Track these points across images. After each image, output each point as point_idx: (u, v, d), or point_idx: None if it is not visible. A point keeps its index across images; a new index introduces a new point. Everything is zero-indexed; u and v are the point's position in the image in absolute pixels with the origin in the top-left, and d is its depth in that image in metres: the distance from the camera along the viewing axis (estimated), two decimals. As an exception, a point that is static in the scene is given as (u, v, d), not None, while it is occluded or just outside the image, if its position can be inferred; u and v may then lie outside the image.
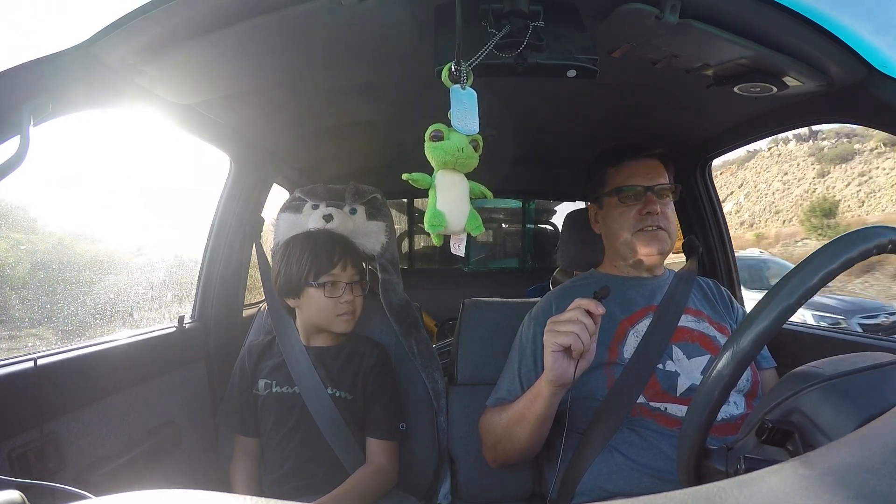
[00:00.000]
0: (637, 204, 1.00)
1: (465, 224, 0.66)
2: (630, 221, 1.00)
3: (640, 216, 0.99)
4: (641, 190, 1.00)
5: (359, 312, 1.08)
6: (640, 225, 0.99)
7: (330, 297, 1.03)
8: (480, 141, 0.65)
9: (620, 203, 1.01)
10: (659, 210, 0.98)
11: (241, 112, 1.08)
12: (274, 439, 0.99)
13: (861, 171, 19.99)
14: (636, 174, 1.01)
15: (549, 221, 2.91)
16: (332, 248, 1.05)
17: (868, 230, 0.49)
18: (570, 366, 0.77)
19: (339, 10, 0.66)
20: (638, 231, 0.99)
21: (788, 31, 0.70)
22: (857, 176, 20.03)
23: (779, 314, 0.46)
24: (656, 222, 0.98)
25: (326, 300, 1.02)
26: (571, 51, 0.70)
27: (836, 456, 0.31)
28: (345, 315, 1.04)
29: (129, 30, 0.66)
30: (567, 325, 0.75)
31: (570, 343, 0.74)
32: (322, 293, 1.02)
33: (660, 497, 0.28)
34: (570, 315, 0.76)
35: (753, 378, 0.92)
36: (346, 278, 1.04)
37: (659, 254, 1.00)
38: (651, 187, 0.99)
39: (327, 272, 1.03)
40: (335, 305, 1.03)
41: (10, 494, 0.33)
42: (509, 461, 0.95)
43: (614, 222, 1.03)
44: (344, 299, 1.03)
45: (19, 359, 0.76)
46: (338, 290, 1.03)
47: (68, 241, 2.25)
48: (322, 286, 1.02)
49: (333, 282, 1.03)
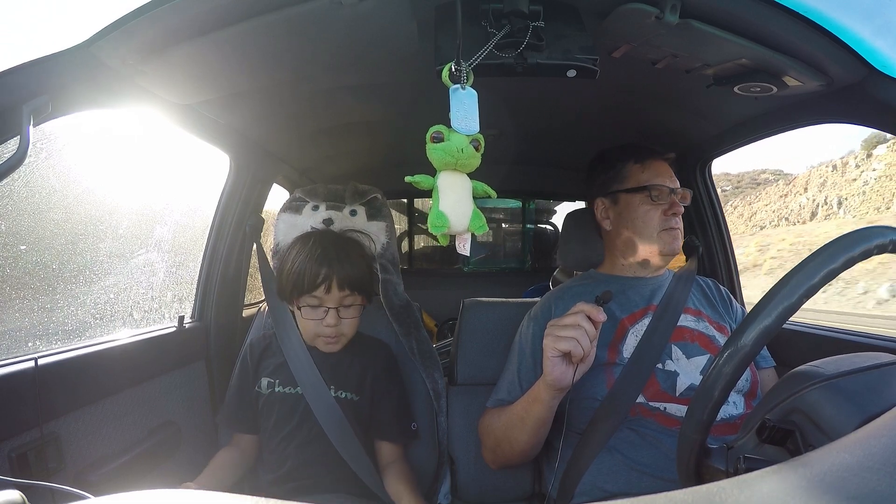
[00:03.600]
0: (663, 204, 1.00)
1: (468, 224, 0.66)
2: (656, 220, 1.00)
3: (664, 216, 0.99)
4: (667, 190, 1.00)
5: (349, 334, 1.02)
6: (666, 225, 0.99)
7: (310, 319, 0.98)
8: (482, 141, 0.65)
9: (650, 201, 1.00)
10: (681, 212, 1.00)
11: (241, 112, 1.08)
12: (274, 439, 0.99)
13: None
14: (662, 174, 1.02)
15: (549, 221, 2.91)
16: (316, 270, 0.96)
17: (869, 230, 0.49)
18: (569, 370, 0.77)
19: (339, 10, 0.66)
20: (663, 231, 1.00)
21: (788, 31, 0.70)
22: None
23: (780, 313, 0.46)
24: (679, 224, 1.00)
25: (307, 321, 0.99)
26: (571, 51, 0.70)
27: (836, 456, 0.30)
28: (328, 339, 0.99)
29: (129, 30, 0.66)
30: (567, 329, 0.75)
31: (570, 349, 0.74)
32: (302, 313, 0.99)
33: (660, 497, 0.28)
34: (570, 320, 0.75)
35: (753, 378, 0.92)
36: (331, 302, 0.97)
37: (674, 254, 1.01)
38: (675, 189, 1.01)
39: (309, 293, 0.97)
40: (316, 326, 0.98)
41: (10, 494, 0.33)
42: (509, 463, 0.95)
43: (637, 220, 1.01)
44: (326, 323, 0.97)
45: (19, 359, 0.76)
46: (317, 313, 0.98)
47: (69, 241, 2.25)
48: (301, 308, 0.98)
49: (316, 305, 0.98)
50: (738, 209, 29.03)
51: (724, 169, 49.29)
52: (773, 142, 2.48)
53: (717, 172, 1.42)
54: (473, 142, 0.64)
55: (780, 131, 1.09)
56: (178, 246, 1.48)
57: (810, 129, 1.04)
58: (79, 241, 1.21)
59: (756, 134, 1.16)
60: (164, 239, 1.48)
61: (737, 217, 28.25)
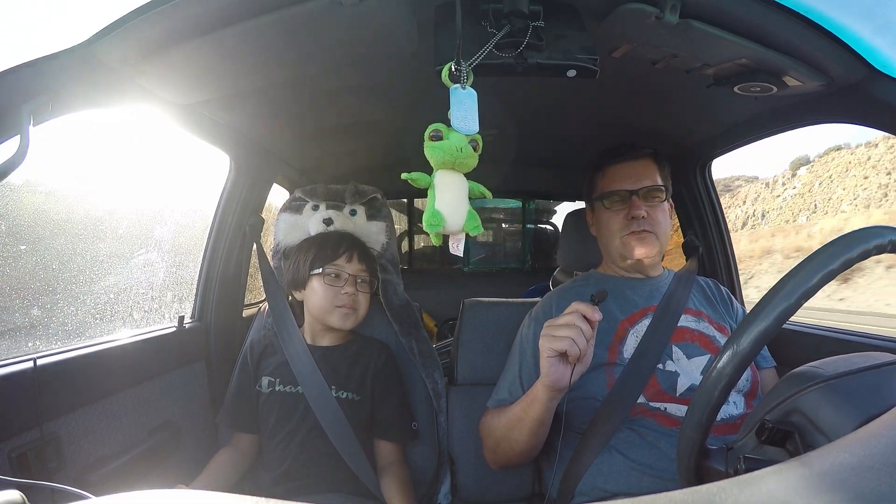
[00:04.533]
0: (623, 208, 1.00)
1: (463, 224, 0.66)
2: (618, 225, 1.01)
3: (626, 220, 0.99)
4: (626, 194, 1.00)
5: (362, 312, 1.06)
6: (628, 229, 0.99)
7: (331, 285, 1.02)
8: (480, 141, 0.65)
9: (606, 208, 1.03)
10: (644, 214, 0.98)
11: (241, 112, 1.08)
12: (275, 438, 0.99)
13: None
14: (620, 178, 1.02)
15: (549, 221, 2.91)
16: (338, 241, 1.06)
17: (868, 230, 0.49)
18: (566, 370, 0.76)
19: (339, 10, 0.66)
20: (626, 235, 1.00)
21: (788, 31, 0.70)
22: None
23: (778, 315, 0.46)
24: (642, 226, 0.98)
25: (326, 289, 1.02)
26: (571, 51, 0.70)
27: (836, 456, 0.30)
28: (344, 308, 1.02)
29: (129, 30, 0.66)
30: (563, 329, 0.74)
31: (566, 348, 0.73)
32: (323, 281, 1.02)
33: (660, 497, 0.28)
34: (566, 319, 0.75)
35: (753, 378, 0.92)
36: (350, 270, 1.04)
37: (648, 256, 1.00)
38: (636, 191, 1.00)
39: (331, 262, 1.03)
40: (335, 296, 1.02)
41: (10, 494, 0.33)
42: (510, 464, 0.95)
43: (604, 227, 1.04)
44: (345, 290, 1.02)
45: (19, 359, 0.76)
46: (339, 280, 1.03)
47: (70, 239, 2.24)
48: (323, 275, 1.02)
49: (336, 273, 1.03)
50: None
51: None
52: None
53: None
54: (472, 142, 0.64)
55: (779, 131, 1.09)
56: (178, 246, 1.48)
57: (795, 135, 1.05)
58: (79, 242, 1.21)
59: (756, 134, 1.15)
60: (163, 239, 1.48)
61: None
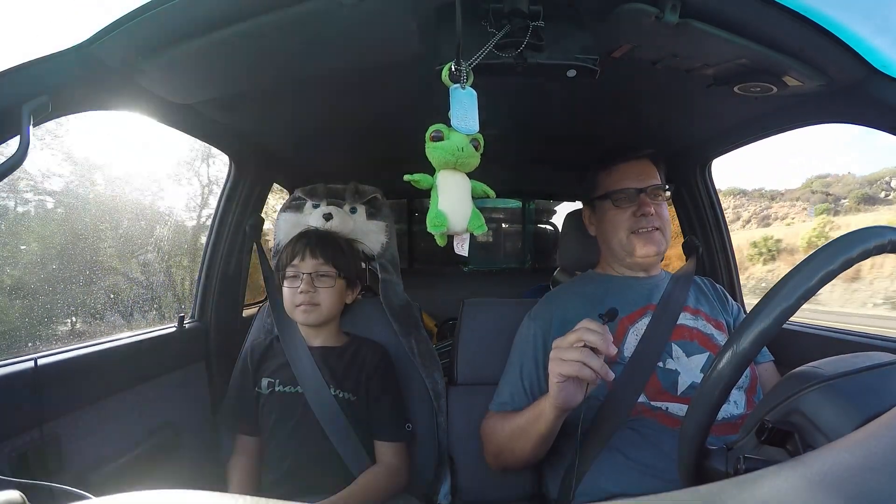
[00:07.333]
0: (631, 206, 1.00)
1: (467, 224, 0.66)
2: (625, 223, 1.00)
3: (634, 218, 0.99)
4: (634, 192, 1.00)
5: (325, 306, 1.05)
6: (636, 227, 0.99)
7: (289, 287, 1.06)
8: (481, 140, 0.65)
9: (614, 206, 1.02)
10: (653, 211, 0.99)
11: (241, 112, 1.08)
12: (275, 439, 0.99)
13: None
14: (627, 177, 1.02)
15: (549, 221, 2.91)
16: (296, 241, 1.08)
17: (867, 230, 0.49)
18: (577, 391, 0.73)
19: (339, 10, 0.66)
20: (633, 233, 1.00)
21: (788, 31, 0.70)
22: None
23: (778, 315, 0.46)
24: (651, 223, 0.99)
25: (287, 290, 1.07)
26: (571, 51, 0.70)
27: (836, 456, 0.30)
28: (301, 306, 1.04)
29: (129, 30, 0.66)
30: (571, 352, 0.71)
31: (576, 373, 0.70)
32: (285, 284, 1.07)
33: (660, 497, 0.28)
34: (573, 338, 0.71)
35: (752, 374, 0.93)
36: (305, 268, 1.05)
37: (656, 254, 1.00)
38: (644, 189, 1.00)
39: (289, 263, 1.06)
40: (293, 295, 1.05)
41: (10, 494, 0.33)
42: (511, 468, 0.95)
43: (609, 225, 1.03)
44: (301, 290, 1.03)
45: (19, 359, 0.76)
46: (295, 281, 1.05)
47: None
48: (284, 278, 1.07)
49: (293, 273, 1.06)
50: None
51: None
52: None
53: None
54: (473, 141, 0.64)
55: (780, 131, 1.09)
56: (177, 246, 1.48)
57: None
58: (79, 242, 1.21)
59: (756, 134, 1.15)
60: (163, 238, 1.48)
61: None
